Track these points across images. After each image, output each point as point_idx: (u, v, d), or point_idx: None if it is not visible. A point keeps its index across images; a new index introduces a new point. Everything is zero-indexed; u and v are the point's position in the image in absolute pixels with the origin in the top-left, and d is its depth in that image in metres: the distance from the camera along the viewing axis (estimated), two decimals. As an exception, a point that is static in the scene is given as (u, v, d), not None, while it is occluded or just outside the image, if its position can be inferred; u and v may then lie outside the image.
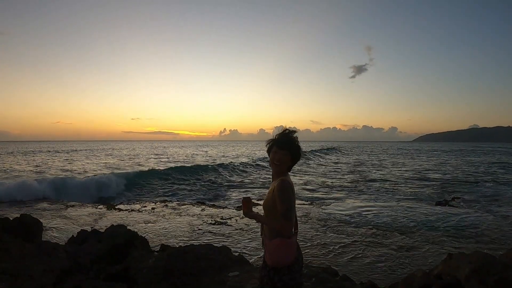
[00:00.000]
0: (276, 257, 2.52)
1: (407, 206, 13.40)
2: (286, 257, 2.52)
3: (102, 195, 17.33)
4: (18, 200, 14.47)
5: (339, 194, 17.72)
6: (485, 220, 10.93)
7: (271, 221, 2.56)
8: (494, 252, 6.65)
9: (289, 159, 2.61)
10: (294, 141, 2.64)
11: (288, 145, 2.61)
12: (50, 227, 9.76)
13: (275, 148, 2.62)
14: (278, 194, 2.49)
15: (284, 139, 2.62)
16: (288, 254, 2.52)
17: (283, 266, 2.52)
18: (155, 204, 14.04)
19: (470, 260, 4.54)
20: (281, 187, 2.50)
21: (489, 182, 21.83)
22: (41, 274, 4.55)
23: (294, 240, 2.57)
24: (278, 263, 2.52)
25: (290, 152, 2.60)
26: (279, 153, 2.60)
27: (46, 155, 53.72)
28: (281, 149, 2.60)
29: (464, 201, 15.23)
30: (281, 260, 2.52)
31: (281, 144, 2.61)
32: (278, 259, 2.52)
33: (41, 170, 29.29)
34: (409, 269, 6.65)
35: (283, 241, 2.50)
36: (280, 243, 2.51)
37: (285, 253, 2.52)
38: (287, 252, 2.52)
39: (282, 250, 2.51)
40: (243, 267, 5.11)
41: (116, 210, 12.72)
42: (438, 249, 8.12)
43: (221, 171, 28.00)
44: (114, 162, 40.34)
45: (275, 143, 2.65)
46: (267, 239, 2.60)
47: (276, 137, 2.67)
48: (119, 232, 6.19)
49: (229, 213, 12.23)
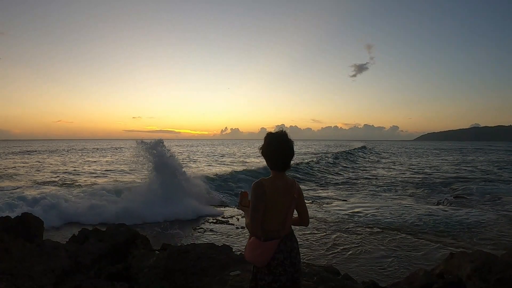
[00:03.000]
0: (249, 254, 2.56)
1: (408, 205, 13.38)
2: (258, 258, 2.52)
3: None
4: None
5: (340, 192, 17.72)
6: (487, 219, 10.89)
7: (247, 219, 2.60)
8: (495, 251, 6.62)
9: (261, 155, 2.65)
10: (264, 140, 2.65)
11: (262, 146, 2.66)
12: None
13: None
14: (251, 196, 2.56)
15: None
16: (259, 255, 2.51)
17: (260, 266, 2.53)
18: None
19: (472, 259, 4.53)
20: (251, 189, 2.54)
21: (490, 181, 21.78)
22: (41, 274, 4.54)
23: (273, 243, 2.52)
24: (252, 261, 2.56)
25: (261, 150, 2.65)
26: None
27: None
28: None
29: (466, 200, 15.19)
30: (253, 259, 2.55)
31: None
32: (251, 257, 2.55)
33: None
34: (411, 268, 6.63)
35: (256, 241, 2.52)
36: (254, 242, 2.54)
37: (257, 253, 2.52)
38: (259, 253, 2.51)
39: (254, 250, 2.53)
40: (244, 266, 5.10)
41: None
42: (440, 248, 8.09)
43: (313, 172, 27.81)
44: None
45: None
46: (249, 235, 2.63)
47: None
48: (120, 231, 6.19)
49: (230, 212, 12.24)
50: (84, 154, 54.95)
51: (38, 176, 23.86)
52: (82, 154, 54.92)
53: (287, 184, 2.61)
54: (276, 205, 2.53)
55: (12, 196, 13.38)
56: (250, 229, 2.56)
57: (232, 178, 21.11)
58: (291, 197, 2.60)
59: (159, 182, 13.05)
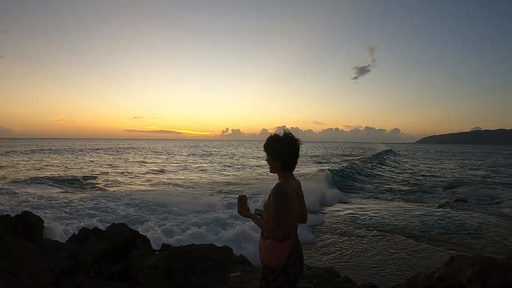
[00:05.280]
0: (266, 258, 2.56)
1: (408, 208, 13.36)
2: (276, 259, 2.53)
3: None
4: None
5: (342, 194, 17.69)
6: (487, 222, 10.87)
7: (262, 224, 2.58)
8: (496, 255, 6.60)
9: (271, 158, 2.63)
10: (272, 140, 2.64)
11: (266, 146, 2.65)
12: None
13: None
14: (272, 199, 2.50)
15: (265, 142, 2.66)
16: (278, 256, 2.53)
17: (276, 267, 2.53)
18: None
19: (473, 263, 4.51)
20: (275, 193, 2.50)
21: (491, 184, 21.74)
22: (41, 273, 4.53)
23: (288, 243, 2.55)
24: (272, 263, 2.55)
25: (270, 152, 2.63)
26: (266, 157, 2.67)
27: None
28: (265, 152, 2.66)
29: (466, 203, 15.15)
30: (271, 262, 2.55)
31: (263, 147, 2.67)
32: (268, 259, 2.55)
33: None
34: (411, 271, 6.62)
35: (275, 243, 2.52)
36: (271, 245, 2.53)
37: (275, 255, 2.53)
38: (277, 255, 2.53)
39: (273, 252, 2.53)
40: (245, 267, 5.09)
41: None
42: (440, 251, 8.08)
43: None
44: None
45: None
46: (262, 236, 2.63)
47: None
48: (121, 230, 6.17)
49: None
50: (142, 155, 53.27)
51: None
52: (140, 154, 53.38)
53: (298, 184, 2.67)
54: (293, 206, 2.57)
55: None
56: (272, 233, 2.53)
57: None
58: (301, 197, 2.68)
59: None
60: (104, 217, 10.62)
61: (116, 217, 10.61)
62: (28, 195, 14.54)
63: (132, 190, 17.08)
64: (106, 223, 9.02)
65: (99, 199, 13.34)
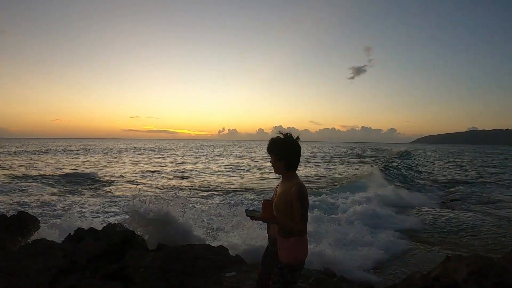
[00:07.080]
0: (295, 255, 2.68)
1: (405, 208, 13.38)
2: (303, 254, 2.71)
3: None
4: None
5: (336, 194, 17.68)
6: (483, 222, 10.91)
7: (287, 224, 2.68)
8: (492, 254, 6.63)
9: (275, 159, 2.75)
10: (274, 142, 2.76)
11: (270, 148, 2.78)
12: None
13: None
14: (297, 199, 2.62)
15: (268, 145, 2.80)
16: (304, 251, 2.73)
17: (300, 262, 2.70)
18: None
19: (468, 262, 4.52)
20: (300, 193, 2.63)
21: (487, 184, 21.80)
22: (37, 273, 4.51)
23: (306, 237, 2.75)
24: (296, 260, 2.68)
25: (274, 153, 2.75)
26: (271, 159, 2.79)
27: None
28: (268, 154, 2.80)
29: (462, 203, 15.17)
30: (299, 258, 2.69)
31: (267, 150, 2.80)
32: (296, 256, 2.68)
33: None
34: (407, 270, 6.63)
35: (299, 239, 2.67)
36: (297, 241, 2.67)
37: (302, 250, 2.71)
38: (304, 249, 2.72)
39: (299, 248, 2.68)
40: (240, 267, 5.09)
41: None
42: (436, 251, 8.10)
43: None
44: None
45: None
46: (281, 238, 2.70)
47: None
48: (116, 231, 6.16)
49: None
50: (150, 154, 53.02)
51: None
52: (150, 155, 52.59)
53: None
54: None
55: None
56: (299, 229, 2.65)
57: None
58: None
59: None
60: (100, 217, 10.58)
61: (113, 217, 10.58)
62: (24, 195, 14.49)
63: (128, 190, 17.05)
64: (102, 223, 8.98)
65: (95, 199, 13.30)
